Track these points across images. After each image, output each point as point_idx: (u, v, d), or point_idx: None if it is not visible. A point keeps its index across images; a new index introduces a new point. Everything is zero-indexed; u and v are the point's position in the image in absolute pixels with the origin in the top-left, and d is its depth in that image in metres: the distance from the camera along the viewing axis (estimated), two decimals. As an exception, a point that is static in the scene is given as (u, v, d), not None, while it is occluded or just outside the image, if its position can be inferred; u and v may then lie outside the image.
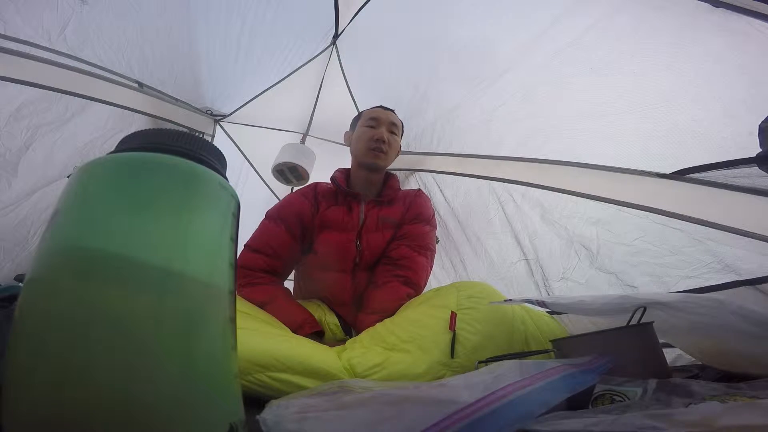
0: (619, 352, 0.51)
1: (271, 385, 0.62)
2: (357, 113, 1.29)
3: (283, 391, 0.61)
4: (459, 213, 1.54)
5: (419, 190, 1.27)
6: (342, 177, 1.20)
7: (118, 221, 0.24)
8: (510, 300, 0.74)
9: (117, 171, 0.26)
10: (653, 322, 0.56)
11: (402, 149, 1.29)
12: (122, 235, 0.24)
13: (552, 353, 0.64)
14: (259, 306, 0.92)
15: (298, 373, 0.64)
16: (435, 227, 1.20)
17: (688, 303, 0.55)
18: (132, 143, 0.30)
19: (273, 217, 1.10)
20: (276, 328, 0.83)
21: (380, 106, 1.22)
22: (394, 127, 1.18)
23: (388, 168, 1.22)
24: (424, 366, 0.69)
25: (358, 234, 1.09)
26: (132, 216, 0.25)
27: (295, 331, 0.87)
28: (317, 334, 0.93)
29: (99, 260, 0.23)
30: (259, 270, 1.03)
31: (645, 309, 0.56)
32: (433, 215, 1.22)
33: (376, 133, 1.13)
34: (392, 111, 1.22)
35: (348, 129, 1.27)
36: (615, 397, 0.43)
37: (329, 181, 1.19)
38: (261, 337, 0.71)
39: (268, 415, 0.37)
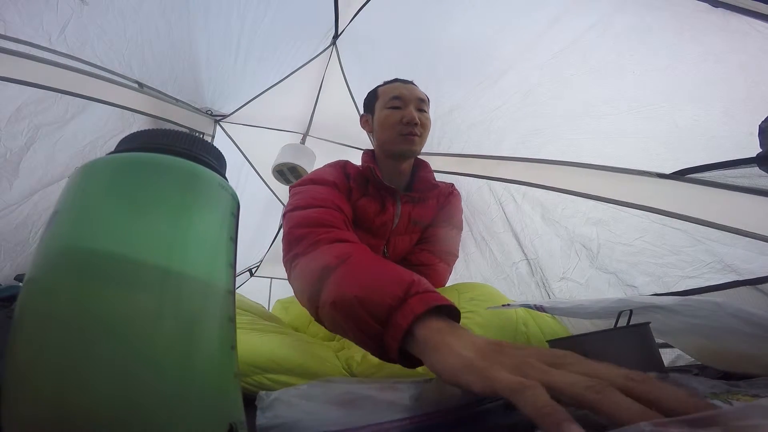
0: (615, 352, 0.51)
1: (270, 387, 0.62)
2: (360, 110, 1.12)
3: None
4: (465, 212, 1.54)
5: (452, 185, 1.11)
6: (375, 165, 0.97)
7: (118, 221, 0.24)
8: (508, 305, 0.74)
9: (116, 171, 0.26)
10: (649, 322, 0.56)
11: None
12: (121, 235, 0.24)
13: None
14: (325, 271, 0.56)
15: (297, 375, 0.64)
16: (461, 228, 1.12)
17: (686, 306, 0.55)
18: (132, 143, 0.30)
19: (305, 183, 0.88)
20: (276, 327, 0.82)
21: (397, 80, 1.02)
22: (423, 103, 0.97)
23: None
24: (424, 370, 0.68)
25: (386, 238, 0.96)
26: (131, 216, 0.25)
27: (403, 298, 0.45)
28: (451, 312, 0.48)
29: (98, 260, 0.23)
30: (318, 225, 0.70)
31: (631, 312, 0.56)
32: (461, 215, 1.12)
33: (405, 114, 0.93)
34: (412, 83, 1.02)
35: (360, 114, 1.07)
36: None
37: (358, 164, 0.99)
38: (259, 338, 0.71)
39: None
